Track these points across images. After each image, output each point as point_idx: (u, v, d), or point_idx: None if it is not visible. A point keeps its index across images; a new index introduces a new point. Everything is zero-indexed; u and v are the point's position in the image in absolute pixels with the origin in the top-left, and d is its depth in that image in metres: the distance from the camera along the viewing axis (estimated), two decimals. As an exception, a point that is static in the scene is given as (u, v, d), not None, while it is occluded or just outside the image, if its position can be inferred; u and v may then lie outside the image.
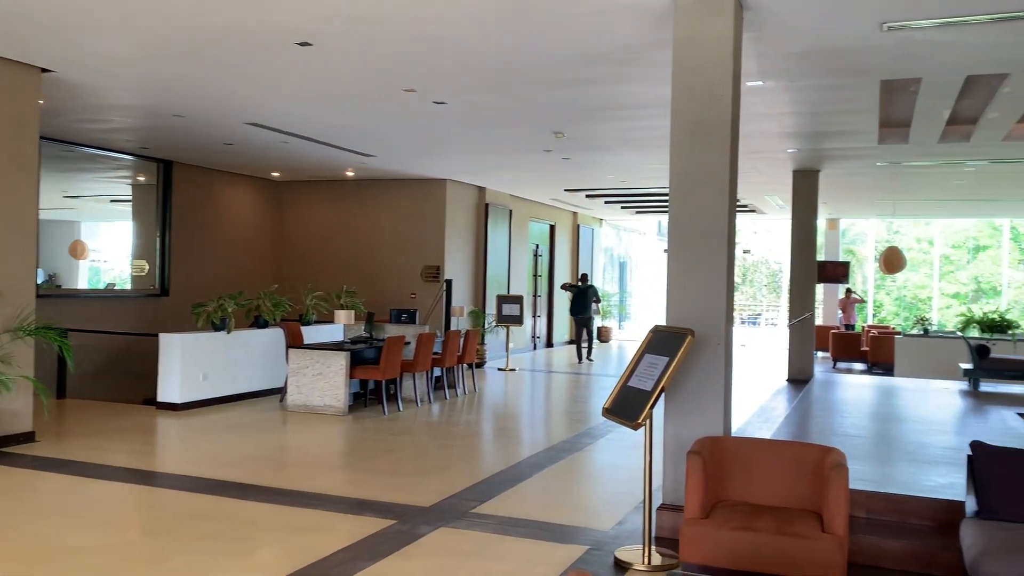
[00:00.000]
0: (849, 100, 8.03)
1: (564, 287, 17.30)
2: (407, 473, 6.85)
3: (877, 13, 5.44)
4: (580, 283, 16.60)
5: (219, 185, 14.15)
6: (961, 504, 4.67)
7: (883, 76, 7.16)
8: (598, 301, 16.98)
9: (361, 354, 9.87)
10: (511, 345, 14.79)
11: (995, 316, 14.30)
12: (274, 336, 10.78)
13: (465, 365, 11.43)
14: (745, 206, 17.68)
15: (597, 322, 18.61)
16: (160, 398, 9.55)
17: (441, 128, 9.74)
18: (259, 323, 10.76)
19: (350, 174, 14.08)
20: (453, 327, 13.80)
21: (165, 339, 9.62)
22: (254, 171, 14.23)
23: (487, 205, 15.53)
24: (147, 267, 12.88)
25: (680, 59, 5.25)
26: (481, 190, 15.47)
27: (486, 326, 14.86)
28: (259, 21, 5.89)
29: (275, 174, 14.59)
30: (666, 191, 5.31)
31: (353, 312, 10.67)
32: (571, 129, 9.66)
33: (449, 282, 14.25)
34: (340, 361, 9.48)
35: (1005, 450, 4.27)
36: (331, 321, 11.08)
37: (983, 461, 4.17)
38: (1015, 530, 3.86)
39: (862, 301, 19.27)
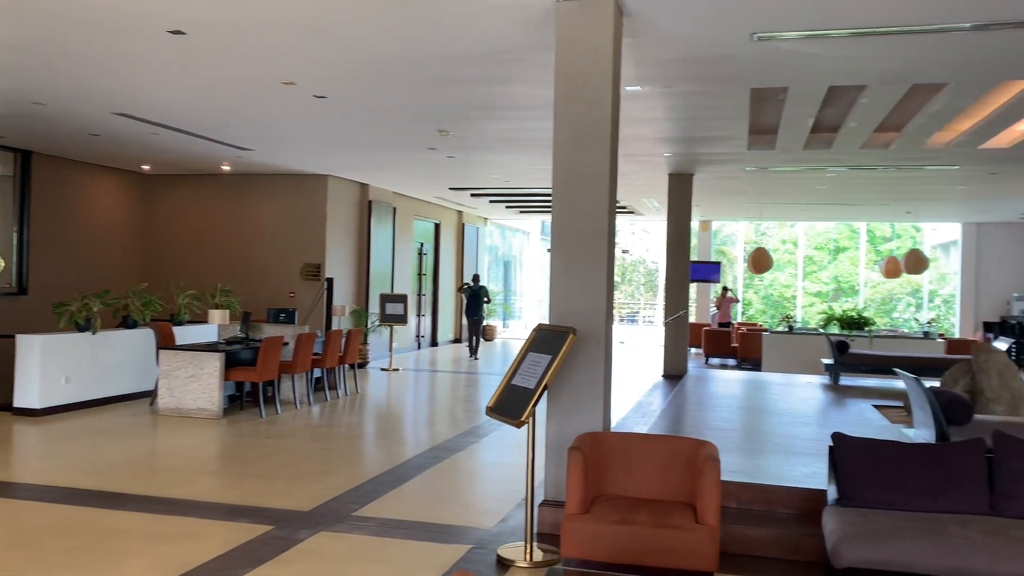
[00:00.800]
0: (721, 107, 8.35)
1: (460, 289, 17.74)
2: (285, 477, 6.68)
3: (747, 24, 5.68)
4: (472, 283, 17.16)
5: (84, 177, 13.37)
6: (823, 492, 4.94)
7: (753, 84, 7.49)
8: (488, 301, 17.47)
9: (237, 355, 9.55)
10: (395, 345, 14.65)
11: (853, 314, 15.21)
12: (144, 337, 10.28)
13: (347, 366, 11.24)
14: (624, 207, 18.14)
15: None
16: (17, 403, 8.95)
17: (322, 123, 9.54)
18: (127, 323, 10.25)
19: (226, 168, 13.59)
20: (334, 327, 13.55)
21: (23, 340, 9.03)
22: (122, 163, 13.53)
23: (370, 202, 15.33)
24: (2, 264, 12.04)
25: (562, 62, 5.33)
26: (364, 187, 15.26)
27: (369, 325, 14.67)
28: (128, 6, 5.59)
29: (145, 167, 13.92)
30: (550, 191, 5.39)
31: (228, 312, 10.31)
32: (456, 127, 9.66)
33: (330, 281, 13.98)
34: (214, 362, 9.15)
35: (862, 440, 4.54)
36: (205, 321, 10.68)
37: (843, 451, 4.42)
38: (872, 515, 4.11)
39: (737, 300, 19.87)
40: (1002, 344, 14.90)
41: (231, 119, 9.55)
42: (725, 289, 19.67)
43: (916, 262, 16.92)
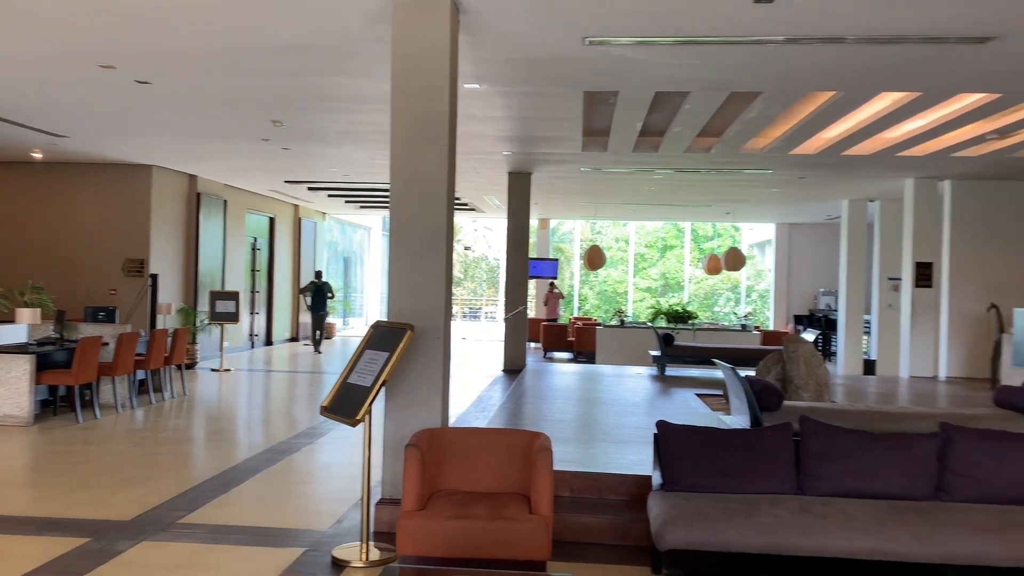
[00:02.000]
0: (557, 108, 8.57)
1: (302, 291, 17.89)
2: (104, 486, 6.26)
3: (580, 28, 5.85)
4: (316, 280, 17.40)
5: None
6: (649, 478, 5.17)
7: (586, 87, 7.73)
8: (332, 296, 17.65)
9: (49, 357, 8.85)
10: (226, 344, 14.06)
11: (679, 308, 16.04)
12: (-62, 339, 9.33)
13: (174, 367, 10.68)
14: (465, 204, 18.27)
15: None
16: None
17: (145, 110, 8.99)
18: (-82, 324, 9.27)
19: (37, 156, 12.53)
20: (160, 326, 12.83)
21: None
22: (-89, 147, 12.23)
23: (199, 194, 14.60)
24: None
25: (399, 56, 5.29)
26: (192, 178, 14.52)
27: (198, 324, 13.99)
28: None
29: (-61, 152, 12.64)
30: (389, 187, 5.34)
31: (40, 310, 9.54)
32: (291, 119, 9.38)
33: (155, 277, 13.22)
34: (23, 365, 8.44)
35: (685, 427, 4.80)
36: (12, 321, 9.82)
37: (666, 438, 4.66)
38: (693, 499, 4.35)
39: (563, 296, 20.13)
40: (809, 335, 16.18)
41: (43, 103, 8.83)
42: (551, 284, 19.84)
43: (735, 260, 18.06)
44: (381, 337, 4.97)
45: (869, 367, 15.45)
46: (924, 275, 13.16)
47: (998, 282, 12.60)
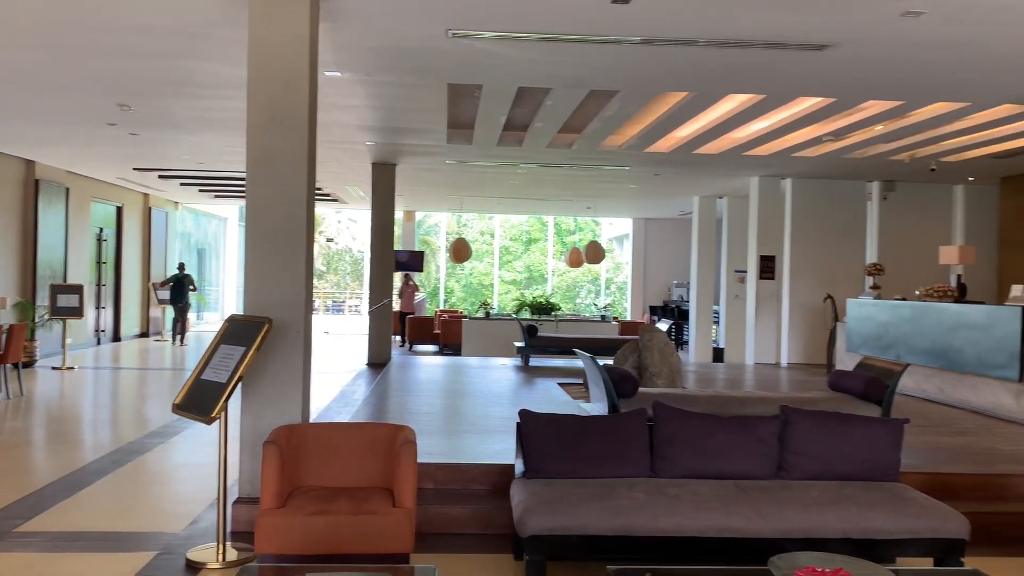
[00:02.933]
0: (420, 99, 8.54)
1: (160, 284, 17.69)
2: (-72, 496, 5.77)
3: (443, 20, 5.86)
4: (179, 272, 17.37)
5: None
6: (513, 467, 5.26)
7: (450, 79, 7.75)
8: (194, 289, 17.60)
9: None
10: (69, 341, 13.20)
11: (542, 300, 16.35)
12: None
13: (10, 365, 9.93)
14: (327, 195, 17.90)
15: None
16: None
17: (-27, 88, 8.31)
18: None
19: None
20: (-7, 321, 11.90)
21: None
22: None
23: (37, 181, 13.62)
24: None
25: (256, 40, 5.13)
26: (30, 164, 13.52)
27: (37, 320, 13.06)
28: None
29: None
30: (245, 175, 5.17)
31: None
32: (139, 103, 8.89)
33: (-13, 269, 12.25)
34: None
35: (546, 416, 4.91)
36: None
37: (529, 427, 4.75)
38: (554, 485, 4.45)
39: (418, 288, 19.45)
40: (663, 325, 16.85)
41: None
42: (407, 276, 19.03)
43: (595, 253, 18.58)
44: (237, 331, 4.82)
45: (718, 355, 16.29)
46: (767, 268, 13.99)
47: (833, 274, 13.56)
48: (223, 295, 24.78)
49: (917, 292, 10.45)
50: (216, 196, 19.27)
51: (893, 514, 4.26)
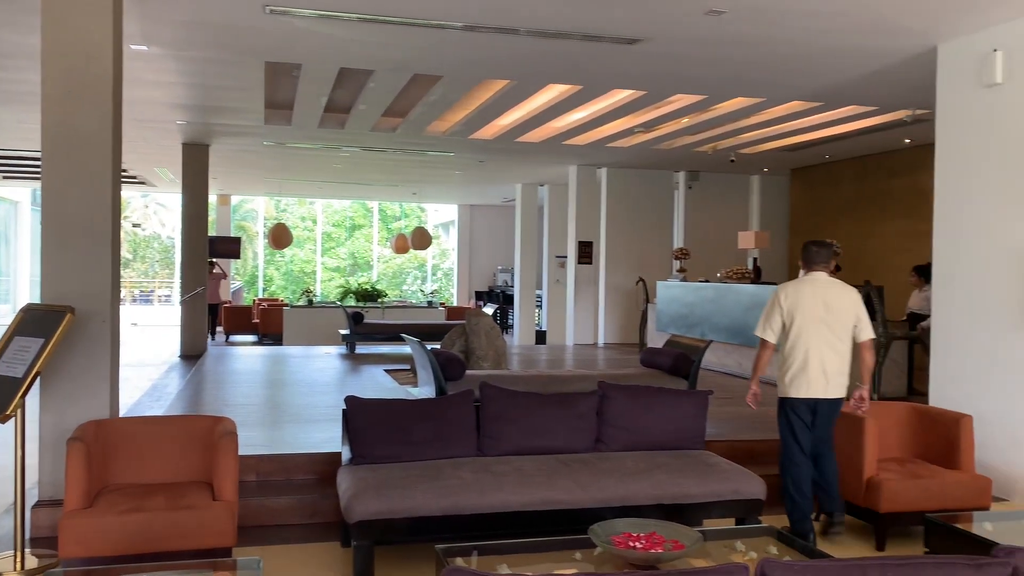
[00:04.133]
0: (236, 77, 8.19)
1: None
2: None
3: (260, -4, 5.65)
4: None
5: None
6: (339, 455, 5.20)
7: (268, 58, 7.48)
8: None
9: None
10: None
11: (368, 287, 16.17)
12: None
13: None
14: (134, 177, 16.78)
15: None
16: None
17: None
18: None
19: None
20: None
21: None
22: None
23: None
24: None
25: (51, 7, 4.73)
26: None
27: None
28: None
29: None
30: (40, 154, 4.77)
31: None
32: (-93, 71, 7.96)
33: None
34: None
35: (372, 401, 4.88)
36: None
37: (355, 413, 4.71)
38: (381, 470, 4.45)
39: (225, 276, 18.21)
40: (489, 309, 17.15)
41: None
42: (211, 264, 16.60)
43: (421, 239, 18.59)
44: (34, 322, 4.45)
45: (541, 337, 16.80)
46: (585, 253, 14.56)
47: (644, 258, 14.32)
48: (15, 286, 22.63)
49: (718, 274, 11.25)
50: (6, 177, 17.57)
51: (700, 479, 4.59)
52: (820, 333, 4.77)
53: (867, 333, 4.86)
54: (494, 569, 3.33)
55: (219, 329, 17.37)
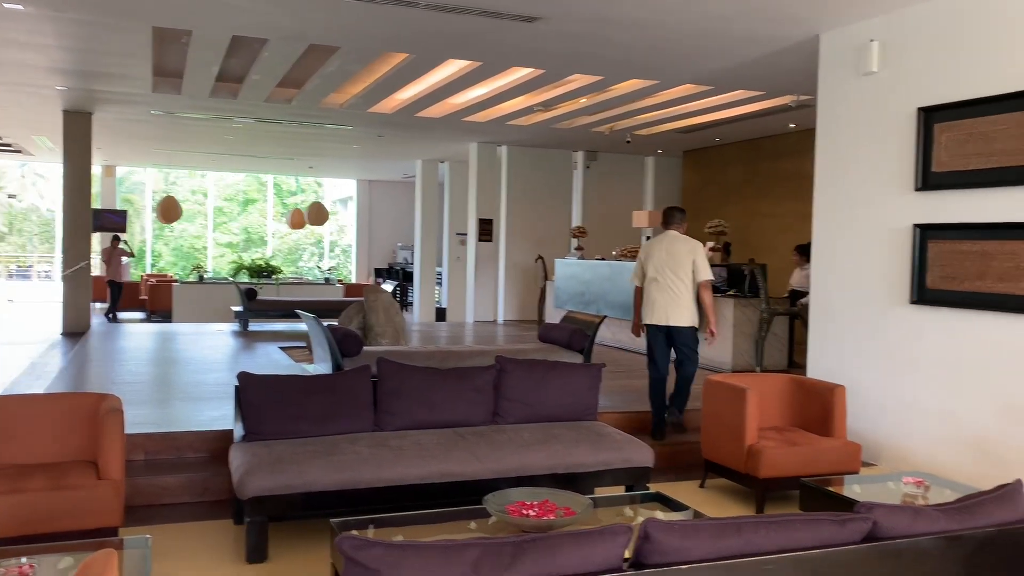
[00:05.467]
0: (121, 42, 7.83)
1: None
2: None
3: (146, -43, 5.41)
4: None
5: None
6: (231, 432, 5.11)
7: (154, 22, 7.17)
8: None
9: None
10: None
11: (262, 263, 15.80)
12: None
13: None
14: (8, 146, 15.82)
15: None
16: None
17: None
18: None
19: None
20: None
21: None
22: None
23: None
24: None
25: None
26: None
27: None
28: None
29: None
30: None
31: None
32: None
33: None
34: None
35: (265, 377, 4.80)
36: None
37: (248, 389, 4.63)
38: (276, 446, 4.40)
39: (131, 255, 17.45)
40: (388, 286, 17.05)
41: None
42: (116, 239, 16.29)
43: (318, 214, 18.26)
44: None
45: (441, 314, 16.81)
46: (486, 231, 14.63)
47: (543, 236, 14.51)
48: None
49: (614, 252, 11.51)
50: None
51: (592, 449, 4.73)
52: (663, 274, 6.18)
53: (701, 276, 6.13)
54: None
55: (102, 305, 16.63)
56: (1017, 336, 5.20)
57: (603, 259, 11.66)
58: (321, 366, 6.94)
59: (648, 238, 13.29)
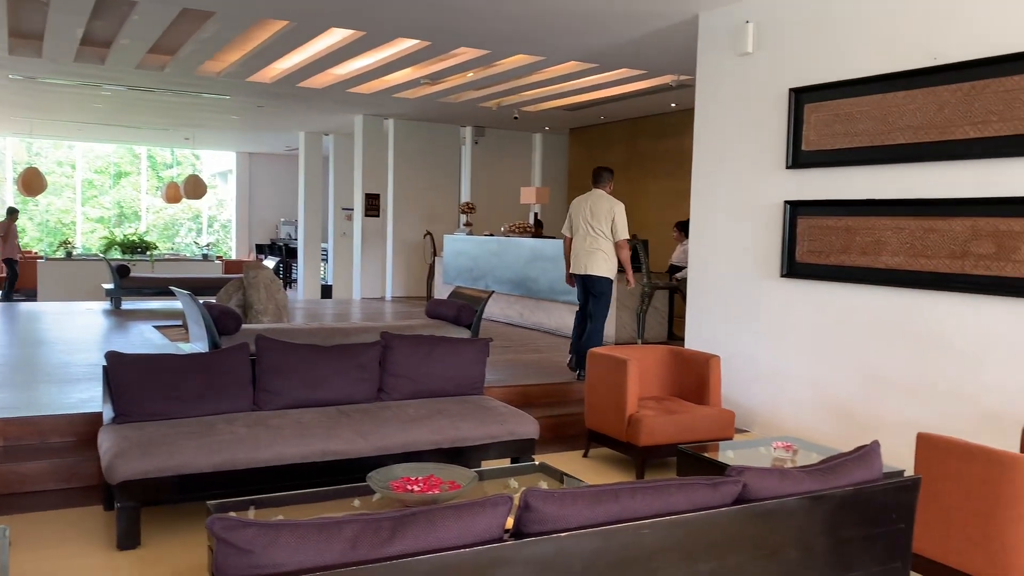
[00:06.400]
0: (-30, -1, 7.25)
1: None
2: None
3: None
4: None
5: None
6: (100, 415, 4.86)
7: (9, -21, 6.67)
8: None
9: None
10: None
11: (135, 239, 15.05)
12: None
13: None
14: None
15: None
16: None
17: None
18: None
19: None
20: None
21: None
22: None
23: None
24: None
25: None
26: None
27: None
28: None
29: None
30: None
31: None
32: None
33: None
34: None
35: (136, 356, 4.57)
36: None
37: (117, 370, 4.40)
38: (148, 428, 4.21)
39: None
40: (270, 263, 16.58)
41: None
42: (13, 213, 15.41)
43: (195, 188, 17.50)
44: None
45: (327, 291, 16.50)
46: (372, 205, 14.41)
47: (431, 212, 14.41)
48: None
49: (503, 228, 11.56)
50: None
51: (478, 423, 4.75)
52: (583, 228, 6.90)
53: (619, 235, 6.80)
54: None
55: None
56: (877, 307, 5.52)
57: (492, 235, 11.69)
58: (198, 345, 6.68)
59: (536, 214, 13.42)
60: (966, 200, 4.99)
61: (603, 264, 6.83)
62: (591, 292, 6.93)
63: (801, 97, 5.99)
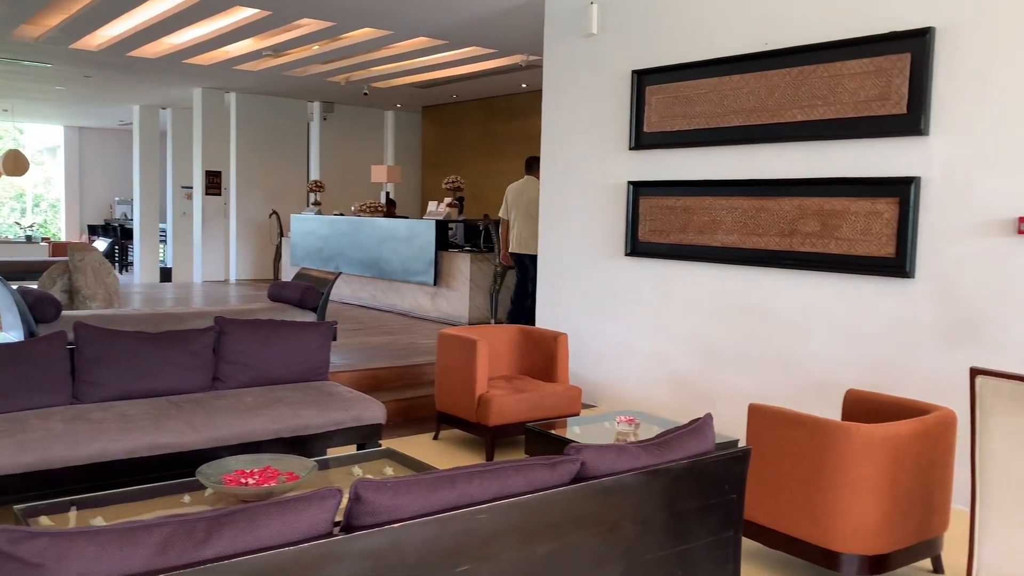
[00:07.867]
0: None
1: None
2: None
3: None
4: None
5: None
6: None
7: None
8: None
9: None
10: None
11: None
12: None
13: None
14: None
15: None
16: None
17: None
18: None
19: None
20: None
21: None
22: None
23: None
24: None
25: None
26: None
27: None
28: None
29: None
30: None
31: None
32: None
33: None
34: None
35: (-68, 349, 4.13)
36: None
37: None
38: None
39: None
40: (102, 244, 15.53)
41: None
42: None
43: (16, 164, 16.09)
44: None
45: (166, 275, 15.61)
46: (214, 183, 13.71)
47: (278, 190, 13.87)
48: None
49: (353, 207, 11.27)
50: None
51: (321, 409, 4.58)
52: (519, 212, 7.98)
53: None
54: (87, 524, 3.01)
55: None
56: (713, 284, 5.74)
57: (342, 214, 11.38)
58: (12, 334, 6.12)
59: (388, 193, 13.19)
60: (794, 180, 5.24)
61: (537, 244, 7.46)
62: (531, 268, 7.71)
63: (643, 79, 6.10)
